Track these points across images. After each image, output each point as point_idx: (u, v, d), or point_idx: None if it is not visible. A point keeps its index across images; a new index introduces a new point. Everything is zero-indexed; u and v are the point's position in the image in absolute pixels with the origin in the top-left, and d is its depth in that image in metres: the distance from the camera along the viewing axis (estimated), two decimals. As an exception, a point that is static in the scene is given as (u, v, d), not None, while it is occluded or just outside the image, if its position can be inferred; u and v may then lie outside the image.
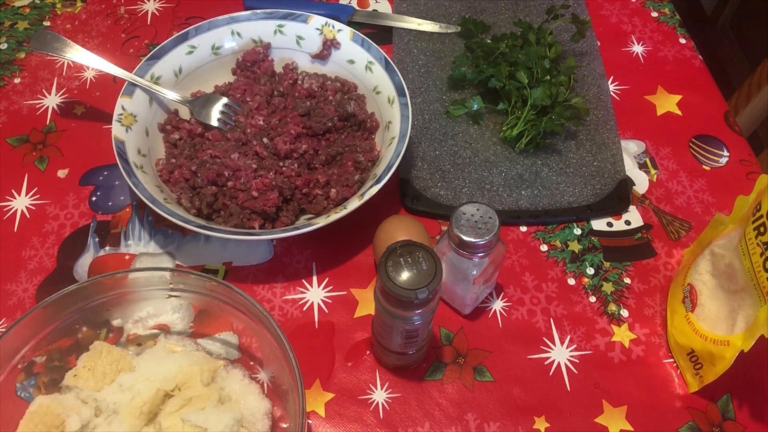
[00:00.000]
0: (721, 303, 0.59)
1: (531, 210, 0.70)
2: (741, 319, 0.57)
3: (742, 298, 0.57)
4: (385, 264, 0.49)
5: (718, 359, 0.57)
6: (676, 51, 0.85)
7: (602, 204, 0.71)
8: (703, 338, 0.58)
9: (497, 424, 0.59)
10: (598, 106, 0.78)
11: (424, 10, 0.87)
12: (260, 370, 0.59)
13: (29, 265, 0.67)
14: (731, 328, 0.57)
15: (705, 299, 0.60)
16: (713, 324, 0.59)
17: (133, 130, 0.68)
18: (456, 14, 0.87)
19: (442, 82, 0.80)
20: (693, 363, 0.60)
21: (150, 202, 0.62)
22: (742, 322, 0.56)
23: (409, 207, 0.70)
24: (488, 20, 0.86)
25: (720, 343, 0.57)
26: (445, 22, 0.86)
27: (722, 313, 0.58)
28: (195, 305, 0.62)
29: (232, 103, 0.73)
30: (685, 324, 0.61)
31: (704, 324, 0.59)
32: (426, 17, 0.86)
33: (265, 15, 0.76)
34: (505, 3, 0.88)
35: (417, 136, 0.75)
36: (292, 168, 0.67)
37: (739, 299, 0.57)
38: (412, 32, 0.85)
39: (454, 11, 0.87)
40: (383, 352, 0.59)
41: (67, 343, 0.57)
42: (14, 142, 0.75)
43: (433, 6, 0.88)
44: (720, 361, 0.57)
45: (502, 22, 0.86)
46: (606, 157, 0.74)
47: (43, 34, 0.73)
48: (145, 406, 0.53)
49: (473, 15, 0.86)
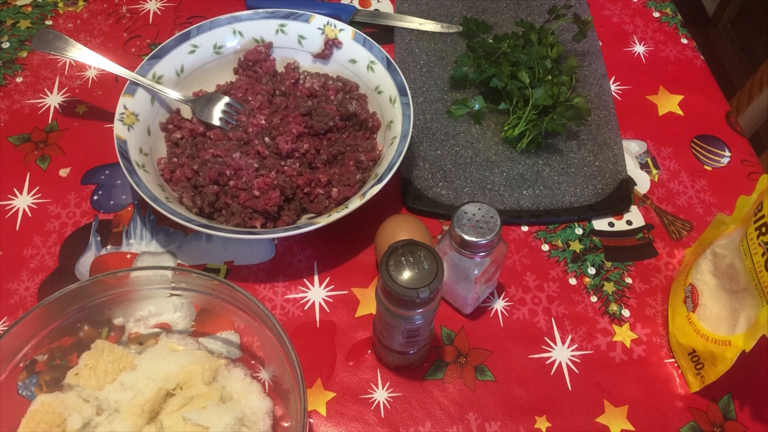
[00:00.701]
0: (722, 303, 0.59)
1: (532, 210, 0.70)
2: (743, 319, 0.57)
3: (743, 298, 0.57)
4: (387, 263, 0.49)
5: (720, 359, 0.57)
6: (678, 51, 0.85)
7: (604, 204, 0.71)
8: (705, 338, 0.58)
9: (498, 424, 0.59)
10: (600, 105, 0.78)
11: (426, 9, 0.87)
12: (261, 369, 0.59)
13: (31, 263, 0.67)
14: (733, 328, 0.57)
15: (706, 299, 0.60)
16: (715, 324, 0.59)
17: (135, 129, 0.68)
18: (458, 14, 0.87)
19: (443, 82, 0.80)
20: (695, 363, 0.60)
21: (152, 201, 0.62)
22: (744, 323, 0.56)
23: (410, 207, 0.70)
24: (490, 20, 0.86)
25: (721, 343, 0.57)
26: (446, 21, 0.86)
27: (724, 314, 0.58)
28: (196, 304, 0.62)
29: (233, 103, 0.73)
30: (687, 324, 0.61)
31: (706, 324, 0.59)
32: (428, 17, 0.86)
33: (266, 14, 0.76)
34: (506, 3, 0.88)
35: (418, 135, 0.75)
36: (293, 167, 0.67)
37: (740, 299, 0.57)
38: (413, 32, 0.85)
39: (456, 11, 0.87)
40: (384, 352, 0.59)
41: (69, 341, 0.57)
42: (16, 141, 0.75)
43: (434, 5, 0.88)
44: (721, 361, 0.56)
45: (503, 22, 0.86)
46: (608, 156, 0.74)
47: (45, 33, 0.73)
48: (146, 404, 0.53)
49: (475, 15, 0.86)
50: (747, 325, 0.56)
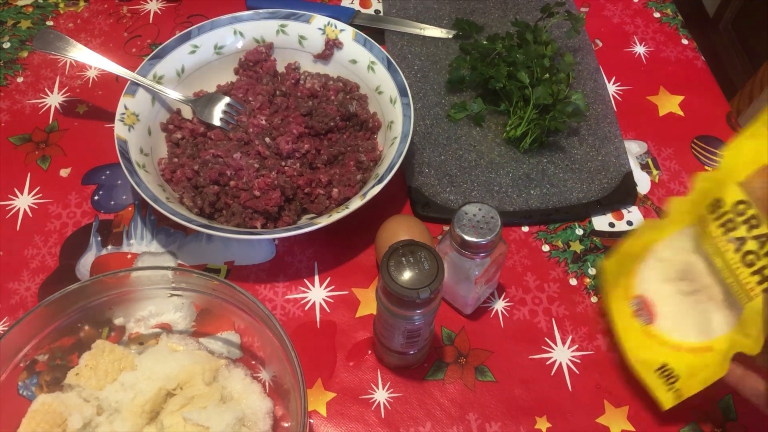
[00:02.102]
0: (686, 309, 0.56)
1: (542, 209, 0.70)
2: (717, 320, 0.54)
3: (709, 299, 0.54)
4: (387, 263, 0.49)
5: (700, 368, 0.54)
6: (678, 52, 0.85)
7: (611, 198, 0.71)
8: (677, 349, 0.55)
9: (499, 424, 0.59)
10: (597, 100, 0.79)
11: (414, 14, 0.86)
12: (262, 370, 0.59)
13: (31, 263, 0.67)
14: (707, 332, 0.54)
15: (665, 308, 0.57)
16: (683, 331, 0.56)
17: (136, 130, 0.68)
18: (446, 16, 0.86)
19: (439, 86, 0.79)
20: (666, 378, 0.56)
21: (152, 201, 0.62)
22: (722, 324, 0.54)
23: (420, 214, 0.70)
24: (479, 20, 0.85)
25: (699, 351, 0.54)
26: (436, 24, 0.85)
27: (690, 319, 0.56)
28: (197, 304, 0.62)
29: (234, 103, 0.73)
30: (646, 338, 0.57)
31: (674, 334, 0.56)
32: (417, 20, 0.85)
33: (267, 15, 0.76)
34: (494, 2, 0.88)
35: (421, 141, 0.75)
36: (294, 167, 0.67)
37: (704, 301, 0.55)
38: (404, 36, 0.84)
39: (444, 13, 0.86)
40: (385, 352, 0.59)
41: (69, 341, 0.57)
42: (17, 141, 0.75)
43: (422, 9, 0.87)
44: (702, 370, 0.54)
45: (492, 22, 0.86)
46: (610, 150, 0.74)
47: (46, 33, 0.74)
48: (146, 404, 0.53)
49: (464, 16, 0.86)
50: (727, 326, 0.53)
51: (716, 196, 0.54)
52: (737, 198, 0.53)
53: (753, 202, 0.52)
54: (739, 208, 0.52)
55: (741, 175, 0.53)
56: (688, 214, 0.57)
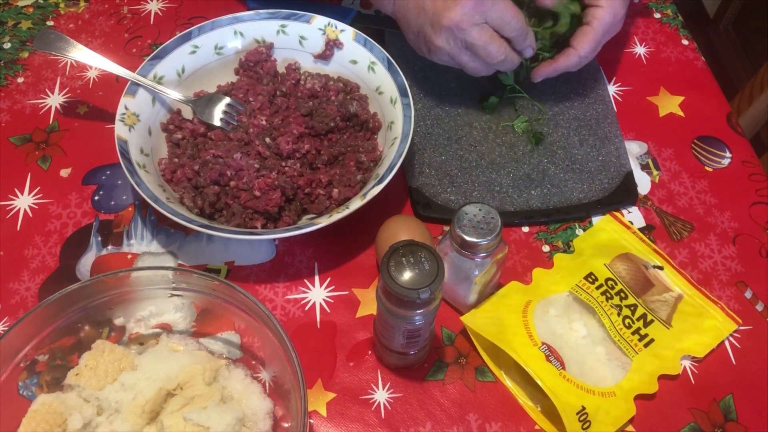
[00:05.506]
0: (594, 356, 0.60)
1: (543, 209, 0.70)
2: (617, 367, 0.60)
3: (605, 348, 0.60)
4: (388, 264, 0.49)
5: (605, 413, 0.57)
6: (679, 52, 0.85)
7: (611, 198, 0.71)
8: (591, 393, 0.58)
9: (499, 425, 0.59)
10: (597, 100, 0.79)
11: None
12: (262, 370, 0.59)
13: (32, 264, 0.67)
14: (610, 378, 0.59)
15: (570, 354, 0.60)
16: (589, 377, 0.59)
17: (136, 130, 0.68)
18: None
19: (440, 87, 0.79)
20: (582, 422, 0.56)
21: (152, 202, 0.62)
22: (619, 370, 0.59)
23: (421, 215, 0.69)
24: None
25: (607, 395, 0.58)
26: None
27: (598, 365, 0.60)
28: (197, 304, 0.62)
29: (234, 103, 0.73)
30: (565, 383, 0.58)
31: (588, 379, 0.59)
32: None
33: (268, 15, 0.76)
34: None
35: (421, 142, 0.75)
36: (294, 168, 0.67)
37: (600, 350, 0.60)
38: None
39: None
40: (385, 352, 0.59)
41: (70, 341, 0.57)
42: (17, 141, 0.75)
43: None
44: (606, 417, 0.57)
45: None
46: (610, 150, 0.74)
47: (47, 33, 0.74)
48: (147, 405, 0.53)
49: None
50: (623, 373, 0.59)
51: (591, 270, 0.65)
52: (606, 275, 0.65)
53: (618, 280, 0.64)
54: (609, 284, 0.64)
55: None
56: (563, 282, 0.65)
